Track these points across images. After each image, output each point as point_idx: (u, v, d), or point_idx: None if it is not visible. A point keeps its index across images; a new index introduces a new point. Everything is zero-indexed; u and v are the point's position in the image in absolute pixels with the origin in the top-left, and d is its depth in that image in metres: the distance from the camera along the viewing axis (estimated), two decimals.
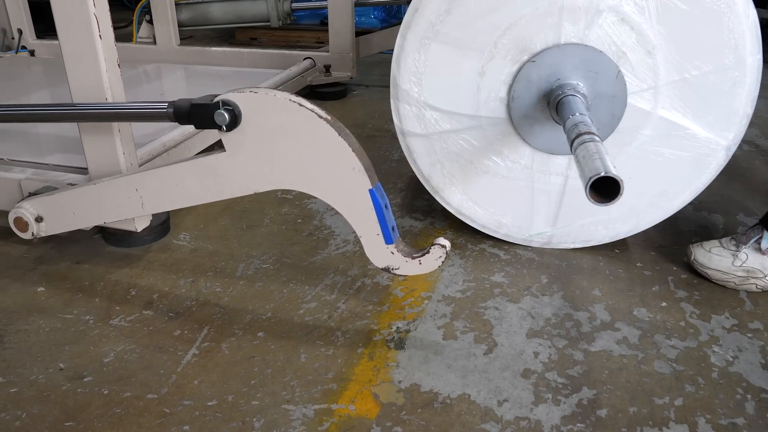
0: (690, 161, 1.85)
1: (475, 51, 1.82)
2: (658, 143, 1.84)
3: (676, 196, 1.91)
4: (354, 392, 1.44)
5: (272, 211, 2.26)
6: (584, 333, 1.63)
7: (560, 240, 2.00)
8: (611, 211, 1.92)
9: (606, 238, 1.98)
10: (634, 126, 1.83)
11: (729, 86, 1.75)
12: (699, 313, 1.70)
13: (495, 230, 2.03)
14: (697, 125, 1.80)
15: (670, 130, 1.82)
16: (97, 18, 1.63)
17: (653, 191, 1.90)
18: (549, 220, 1.98)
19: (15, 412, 1.39)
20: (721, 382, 1.47)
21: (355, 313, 1.71)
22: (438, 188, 2.02)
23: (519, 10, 1.76)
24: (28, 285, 1.84)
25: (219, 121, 1.47)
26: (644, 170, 1.87)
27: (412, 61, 1.86)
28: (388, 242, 1.50)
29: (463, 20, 1.80)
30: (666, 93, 1.78)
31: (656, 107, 1.80)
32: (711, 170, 1.86)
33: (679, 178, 1.88)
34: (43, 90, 3.06)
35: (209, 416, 1.37)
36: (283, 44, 4.84)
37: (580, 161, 1.48)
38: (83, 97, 1.72)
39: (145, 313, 1.71)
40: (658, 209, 1.93)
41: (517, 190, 1.96)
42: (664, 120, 1.81)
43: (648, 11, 1.71)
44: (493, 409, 1.39)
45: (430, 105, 1.90)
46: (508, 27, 1.78)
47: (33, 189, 1.89)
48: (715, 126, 1.80)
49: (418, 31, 1.83)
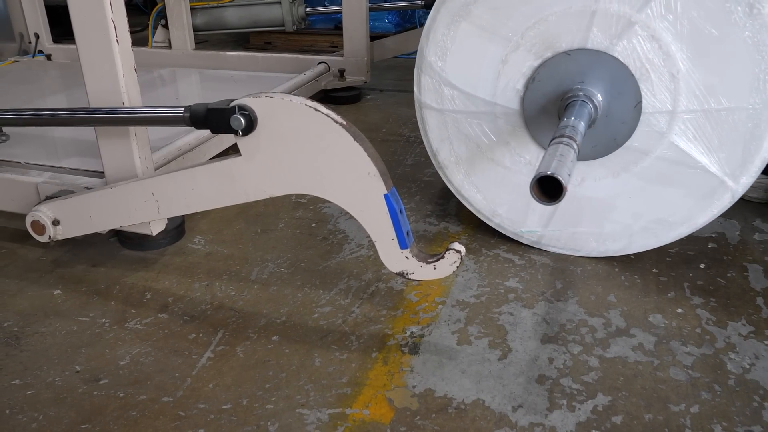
0: (693, 196, 1.81)
1: (502, 38, 1.84)
2: (664, 169, 1.81)
3: (673, 228, 1.87)
4: (368, 397, 1.44)
5: (287, 215, 2.26)
6: (599, 339, 1.62)
7: (549, 242, 2.00)
8: (604, 226, 1.92)
9: (594, 252, 1.96)
10: (644, 147, 1.81)
11: (750, 128, 1.69)
12: (715, 319, 1.69)
13: (489, 218, 2.06)
14: (709, 160, 1.76)
15: (679, 158, 1.78)
16: (115, 23, 1.64)
17: (650, 216, 1.87)
18: (542, 220, 1.98)
19: (32, 414, 1.40)
20: (738, 389, 1.46)
21: (370, 317, 1.71)
22: (444, 164, 2.06)
23: (551, 7, 1.76)
24: (44, 288, 1.85)
25: (235, 125, 1.48)
26: (645, 193, 1.85)
27: (441, 36, 1.89)
28: (403, 247, 1.50)
29: (497, 5, 1.82)
30: (682, 120, 1.74)
31: (669, 132, 1.76)
32: (713, 210, 1.81)
33: (679, 210, 1.84)
34: (60, 94, 3.09)
35: (224, 420, 1.38)
36: (298, 48, 4.85)
37: (543, 158, 1.51)
38: (100, 101, 1.74)
39: (161, 317, 1.72)
40: (652, 236, 1.90)
41: (517, 184, 1.98)
42: (674, 147, 1.77)
43: (680, 32, 1.67)
44: (508, 415, 1.39)
45: (450, 82, 1.94)
46: (537, 21, 1.79)
47: (50, 192, 1.90)
48: (726, 166, 1.75)
49: (452, 7, 1.86)
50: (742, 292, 1.81)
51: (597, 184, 1.90)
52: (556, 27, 1.78)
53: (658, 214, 1.86)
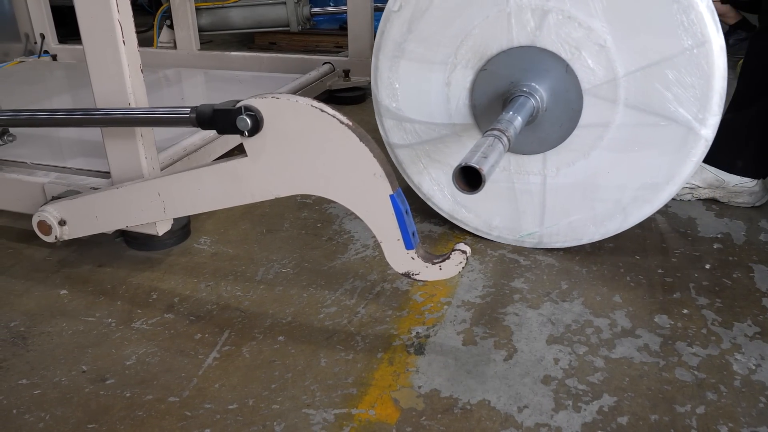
0: (668, 151, 1.81)
1: (439, 63, 1.93)
2: (629, 135, 1.82)
3: (661, 189, 1.86)
4: (374, 397, 1.44)
5: (292, 216, 2.27)
6: (605, 340, 1.62)
7: (550, 239, 2.01)
8: (595, 208, 1.92)
9: (596, 235, 1.96)
10: (602, 120, 1.82)
11: (693, 69, 1.71)
12: (721, 320, 1.69)
13: (488, 232, 2.07)
14: (667, 113, 1.77)
15: (638, 120, 1.79)
16: (121, 24, 1.65)
17: (635, 184, 1.87)
18: (536, 219, 1.99)
19: (39, 413, 1.41)
20: (744, 390, 1.46)
21: (375, 317, 1.71)
22: (429, 195, 2.11)
23: (472, 21, 1.85)
24: (51, 288, 1.86)
25: (241, 126, 1.49)
26: (621, 163, 1.86)
27: (387, 79, 1.99)
28: (409, 247, 1.50)
29: (424, 36, 1.91)
30: (628, 84, 1.77)
31: (620, 99, 1.79)
32: (693, 159, 1.80)
33: (660, 170, 1.84)
34: (65, 94, 3.10)
35: (230, 420, 1.38)
36: (302, 49, 4.85)
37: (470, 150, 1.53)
38: (106, 102, 1.74)
39: (167, 317, 1.72)
40: (644, 203, 1.89)
41: (500, 193, 2.00)
42: (631, 111, 1.79)
43: (592, 5, 1.72)
44: (513, 416, 1.39)
45: (409, 118, 2.01)
46: (464, 38, 1.88)
47: (56, 193, 1.91)
48: (685, 113, 1.75)
49: (387, 52, 1.97)
50: (747, 292, 1.81)
51: (572, 169, 1.91)
52: (482, 38, 1.86)
53: (642, 179, 1.86)
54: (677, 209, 2.29)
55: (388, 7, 1.92)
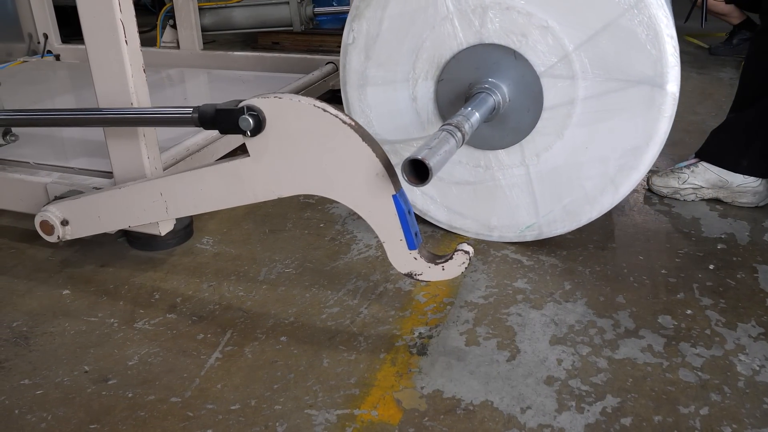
0: (638, 113, 1.81)
1: (401, 82, 2.00)
2: (596, 106, 1.83)
3: (642, 152, 1.85)
4: (376, 398, 1.44)
5: (295, 216, 2.27)
6: (608, 340, 1.62)
7: (550, 228, 2.01)
8: (585, 186, 1.92)
9: (594, 212, 1.95)
10: (566, 98, 1.84)
11: (638, 26, 1.72)
12: (725, 321, 1.69)
13: (489, 234, 2.08)
14: (626, 75, 1.78)
15: (599, 89, 1.81)
16: (123, 24, 1.64)
17: (616, 153, 1.87)
18: (531, 211, 2.00)
19: (41, 413, 1.40)
20: (748, 391, 1.45)
21: (378, 318, 1.71)
22: (425, 211, 2.13)
23: (421, 34, 1.92)
24: (53, 288, 1.86)
25: (244, 126, 1.48)
26: (596, 136, 1.86)
27: (359, 109, 2.07)
28: (411, 248, 1.49)
29: (381, 60, 1.99)
30: (580, 57, 1.79)
31: (577, 73, 1.81)
32: (665, 115, 1.79)
33: (636, 133, 1.84)
34: (68, 94, 3.09)
35: (232, 420, 1.38)
36: (305, 48, 4.84)
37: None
38: (109, 101, 1.74)
39: (169, 317, 1.72)
40: (630, 170, 1.88)
41: (489, 191, 2.02)
42: (591, 82, 1.81)
43: None
44: (516, 417, 1.38)
45: (387, 140, 2.06)
46: (418, 51, 1.94)
47: (59, 193, 1.91)
48: (646, 68, 1.76)
49: (353, 83, 2.06)
50: (751, 293, 1.80)
51: (551, 153, 1.92)
52: (434, 47, 1.92)
53: (621, 147, 1.86)
54: (681, 209, 2.28)
55: (344, 41, 2.01)
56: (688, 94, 3.72)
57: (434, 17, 1.88)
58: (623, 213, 2.27)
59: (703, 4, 3.13)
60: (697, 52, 4.82)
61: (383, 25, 1.94)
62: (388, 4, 1.92)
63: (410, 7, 1.90)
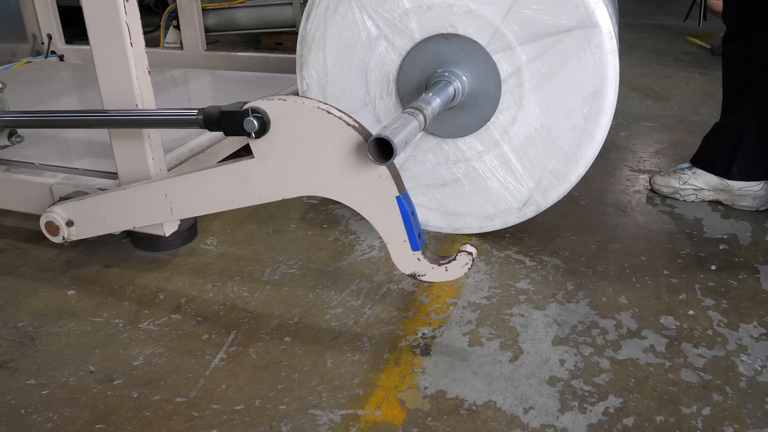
0: (582, 59, 1.82)
1: (361, 108, 2.07)
2: (540, 66, 1.86)
3: (603, 94, 1.85)
4: (380, 398, 1.45)
5: (298, 217, 2.27)
6: (610, 341, 1.62)
7: (546, 198, 2.00)
8: (562, 145, 1.93)
9: (580, 167, 1.95)
10: (512, 69, 1.88)
11: None
12: (727, 321, 1.69)
13: (491, 225, 2.08)
14: (556, 27, 1.81)
15: (540, 48, 1.84)
16: (128, 26, 1.65)
17: (576, 104, 1.87)
18: (520, 186, 2.01)
19: (46, 413, 1.41)
20: (750, 391, 1.46)
21: (381, 318, 1.71)
22: (424, 222, 2.14)
23: (363, 59, 2.01)
24: (58, 288, 1.87)
25: (248, 128, 1.49)
26: (551, 93, 1.88)
27: None
28: (415, 249, 1.50)
29: (337, 95, 2.08)
30: (508, 26, 1.84)
31: (513, 42, 1.85)
32: (608, 56, 1.81)
33: (588, 79, 1.84)
34: (72, 94, 3.10)
35: (237, 420, 1.39)
36: None
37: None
38: (114, 103, 1.75)
39: (174, 317, 1.73)
40: (598, 114, 1.87)
41: (475, 182, 2.04)
42: (528, 45, 1.85)
43: None
44: (519, 417, 1.39)
45: None
46: (366, 75, 2.03)
47: (64, 193, 1.92)
48: (570, 15, 1.78)
49: None
50: (753, 294, 1.81)
51: (518, 125, 1.94)
52: (379, 66, 2.01)
53: (580, 95, 1.87)
54: (683, 210, 2.29)
55: (300, 91, 2.11)
56: (691, 94, 3.72)
57: (368, 39, 1.97)
58: (625, 214, 2.27)
59: (702, 3, 3.13)
60: (700, 53, 4.82)
61: (328, 63, 2.04)
62: (326, 43, 2.02)
63: (345, 39, 2.00)
